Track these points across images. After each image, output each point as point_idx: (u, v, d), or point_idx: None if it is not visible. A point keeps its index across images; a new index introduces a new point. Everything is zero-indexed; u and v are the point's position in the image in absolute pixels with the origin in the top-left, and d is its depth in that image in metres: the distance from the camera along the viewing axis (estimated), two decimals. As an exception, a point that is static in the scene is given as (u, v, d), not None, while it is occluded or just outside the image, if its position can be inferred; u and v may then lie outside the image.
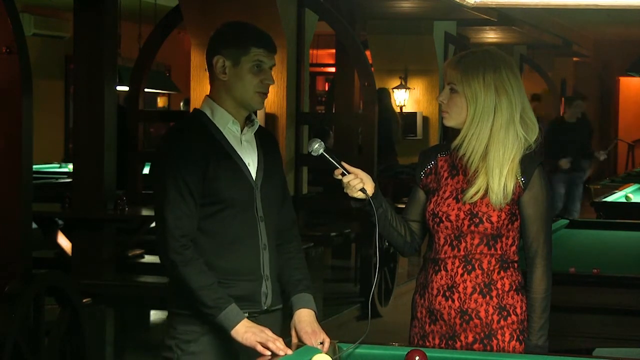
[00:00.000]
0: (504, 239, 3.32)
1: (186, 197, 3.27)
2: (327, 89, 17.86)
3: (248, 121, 3.45)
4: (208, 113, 3.41)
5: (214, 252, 3.33)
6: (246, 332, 3.19)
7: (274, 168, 3.49)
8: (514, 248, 3.35)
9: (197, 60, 8.22)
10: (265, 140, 3.52)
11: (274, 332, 3.22)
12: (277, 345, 3.13)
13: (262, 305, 3.41)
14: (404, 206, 3.55)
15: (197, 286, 3.23)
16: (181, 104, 14.75)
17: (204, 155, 3.32)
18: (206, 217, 3.33)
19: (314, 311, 3.39)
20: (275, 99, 8.41)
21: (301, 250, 3.57)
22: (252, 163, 3.42)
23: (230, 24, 3.45)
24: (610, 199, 9.21)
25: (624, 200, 9.30)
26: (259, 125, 3.51)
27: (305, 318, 3.34)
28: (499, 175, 3.27)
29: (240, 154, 3.39)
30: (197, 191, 3.29)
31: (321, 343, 3.20)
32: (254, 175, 3.41)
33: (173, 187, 3.27)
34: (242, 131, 3.43)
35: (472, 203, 3.29)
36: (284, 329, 3.39)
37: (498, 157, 3.28)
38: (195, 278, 3.23)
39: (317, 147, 3.26)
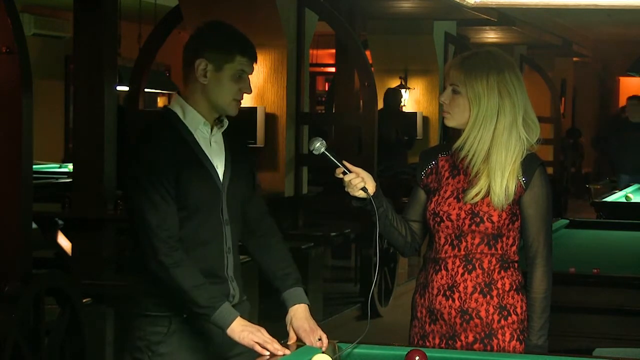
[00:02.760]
0: (504, 238, 3.32)
1: (166, 198, 3.21)
2: (327, 89, 17.85)
3: (217, 121, 3.38)
4: (179, 113, 3.34)
5: None
6: (243, 331, 3.17)
7: (241, 164, 3.43)
8: (514, 248, 3.35)
9: (197, 60, 8.20)
10: (231, 135, 3.44)
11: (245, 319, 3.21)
12: (275, 346, 3.12)
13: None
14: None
15: (190, 286, 3.18)
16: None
17: (176, 159, 3.26)
18: None
19: (308, 304, 3.37)
20: (275, 99, 8.41)
21: (281, 241, 3.50)
22: (220, 165, 3.37)
23: (215, 26, 3.36)
24: (610, 199, 9.21)
25: (624, 200, 9.30)
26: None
27: (301, 315, 3.33)
28: (500, 177, 3.26)
29: (210, 157, 3.34)
30: (173, 194, 3.24)
31: (319, 339, 3.20)
32: (221, 177, 3.36)
33: (152, 189, 3.21)
34: (211, 132, 3.37)
35: (473, 203, 3.29)
36: (252, 316, 3.38)
37: (500, 160, 3.27)
38: (187, 278, 3.19)
39: (319, 146, 3.25)
